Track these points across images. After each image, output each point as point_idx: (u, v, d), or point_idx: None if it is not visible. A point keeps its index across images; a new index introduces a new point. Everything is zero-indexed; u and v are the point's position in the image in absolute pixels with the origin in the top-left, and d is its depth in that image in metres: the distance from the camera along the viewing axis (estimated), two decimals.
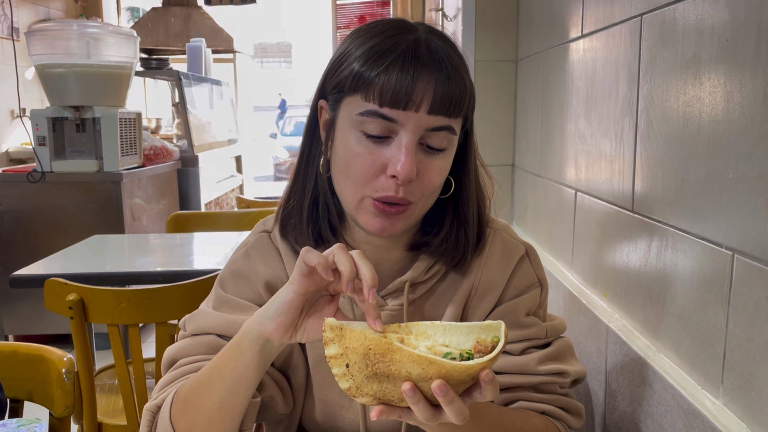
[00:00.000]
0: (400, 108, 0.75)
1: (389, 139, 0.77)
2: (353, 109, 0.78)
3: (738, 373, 0.79)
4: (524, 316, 0.90)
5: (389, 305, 0.89)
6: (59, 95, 3.16)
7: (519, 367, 0.88)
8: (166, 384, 0.84)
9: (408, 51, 0.76)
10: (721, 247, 0.82)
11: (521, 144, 2.01)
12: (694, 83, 0.88)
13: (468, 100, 0.79)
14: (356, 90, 0.77)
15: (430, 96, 0.75)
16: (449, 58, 0.78)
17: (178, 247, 2.38)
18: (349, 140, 0.79)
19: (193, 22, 6.12)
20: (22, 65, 4.85)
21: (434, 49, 0.77)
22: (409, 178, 0.75)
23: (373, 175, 0.77)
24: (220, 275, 0.93)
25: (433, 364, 0.59)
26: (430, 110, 0.75)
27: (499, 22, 2.05)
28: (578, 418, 0.91)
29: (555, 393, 0.90)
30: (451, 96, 0.76)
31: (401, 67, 0.75)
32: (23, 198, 3.17)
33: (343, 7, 6.47)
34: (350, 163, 0.79)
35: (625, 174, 1.13)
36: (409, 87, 0.74)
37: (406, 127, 0.76)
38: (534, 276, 0.93)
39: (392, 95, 0.74)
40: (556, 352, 0.91)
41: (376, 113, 0.76)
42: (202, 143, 4.34)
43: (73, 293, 1.50)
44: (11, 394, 1.14)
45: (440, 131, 0.77)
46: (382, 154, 0.77)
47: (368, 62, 0.76)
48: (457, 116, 0.79)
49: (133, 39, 3.42)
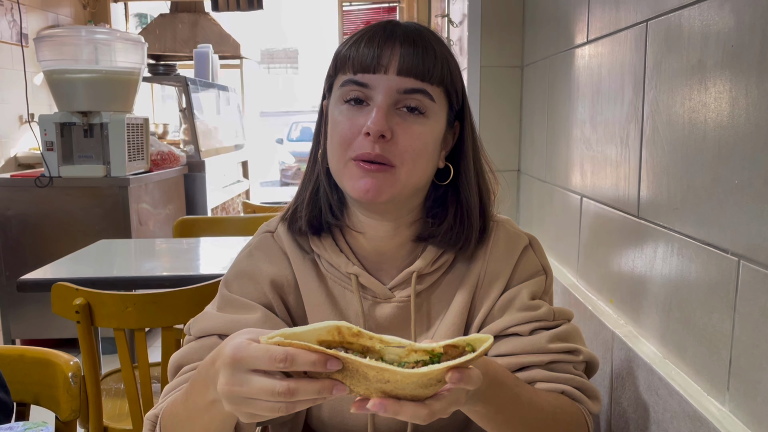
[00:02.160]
0: (371, 72, 0.82)
1: (367, 105, 0.83)
2: (337, 86, 0.85)
3: (744, 379, 0.79)
4: (530, 299, 0.90)
5: (396, 297, 0.90)
6: (67, 101, 3.18)
7: (529, 346, 0.87)
8: (170, 390, 0.84)
9: (378, 28, 0.85)
10: (727, 253, 0.82)
11: (527, 149, 2.01)
12: (700, 89, 0.88)
13: (442, 68, 0.83)
14: (337, 71, 0.86)
15: (396, 58, 0.81)
16: (419, 31, 0.84)
17: (184, 251, 2.38)
18: (334, 114, 0.85)
19: (200, 28, 6.15)
20: (31, 71, 4.88)
21: (405, 26, 0.85)
22: (379, 131, 0.79)
23: (351, 137, 0.82)
24: (225, 276, 0.94)
25: (384, 371, 0.56)
26: (399, 72, 0.81)
27: (505, 28, 2.05)
28: (596, 401, 0.89)
29: (570, 373, 0.88)
30: (418, 61, 0.82)
31: (369, 38, 0.83)
32: (31, 203, 3.19)
33: (350, 13, 6.49)
34: (334, 133, 0.84)
35: (631, 180, 1.13)
36: (376, 52, 0.82)
37: (377, 90, 0.82)
38: (538, 264, 0.94)
39: (362, 62, 0.82)
40: (566, 332, 0.90)
41: (351, 81, 0.83)
42: (208, 148, 4.35)
43: (79, 297, 1.51)
44: (18, 397, 1.15)
45: (414, 93, 0.82)
46: (359, 118, 0.82)
47: (345, 44, 0.86)
48: (430, 81, 0.83)
49: (141, 45, 3.44)
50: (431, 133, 0.84)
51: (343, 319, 0.90)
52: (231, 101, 5.36)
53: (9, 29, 4.99)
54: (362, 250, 0.92)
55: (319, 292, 0.91)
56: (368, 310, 0.90)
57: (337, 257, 0.90)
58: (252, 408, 0.60)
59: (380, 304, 0.91)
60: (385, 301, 0.91)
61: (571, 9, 1.50)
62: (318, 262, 0.92)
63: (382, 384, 0.58)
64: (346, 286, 0.91)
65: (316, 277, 0.92)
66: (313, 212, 0.90)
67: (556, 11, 1.66)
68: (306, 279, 0.91)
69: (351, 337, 0.59)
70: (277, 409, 0.59)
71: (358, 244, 0.91)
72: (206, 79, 4.78)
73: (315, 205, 0.90)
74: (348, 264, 0.90)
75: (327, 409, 0.92)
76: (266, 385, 0.58)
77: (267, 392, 0.58)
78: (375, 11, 6.48)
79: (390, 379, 0.57)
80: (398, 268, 0.91)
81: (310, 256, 0.92)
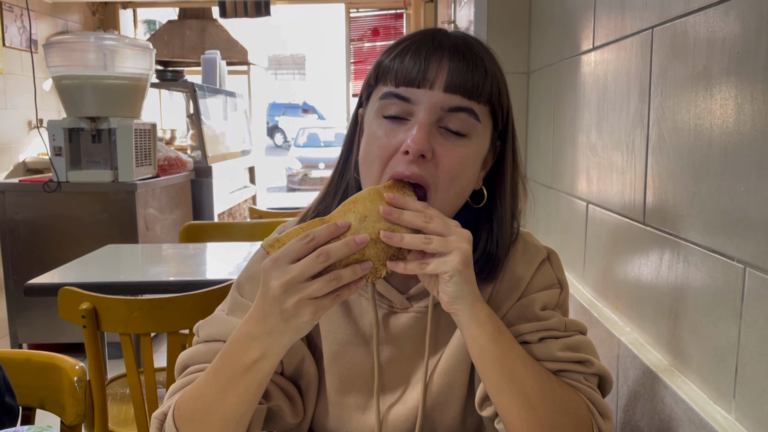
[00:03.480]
0: (415, 86, 0.77)
1: (407, 121, 0.78)
2: (376, 97, 0.81)
3: (750, 387, 0.78)
4: (540, 309, 0.87)
5: (414, 307, 0.88)
6: (76, 106, 3.21)
7: (537, 354, 0.84)
8: (175, 390, 0.84)
9: (425, 38, 0.79)
10: (733, 260, 0.81)
11: (533, 156, 2.01)
12: (705, 95, 0.88)
13: (491, 85, 0.79)
14: (378, 80, 0.81)
15: (444, 73, 0.76)
16: (469, 45, 0.79)
17: (190, 257, 2.39)
18: (372, 127, 0.81)
19: (208, 34, 6.19)
20: (40, 77, 4.92)
21: (454, 37, 0.80)
22: (419, 151, 0.75)
23: (389, 155, 0.78)
24: (238, 278, 0.93)
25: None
26: (446, 88, 0.76)
27: (511, 35, 2.05)
28: (607, 420, 0.83)
29: (580, 383, 0.84)
30: (467, 77, 0.77)
31: (416, 49, 0.78)
32: (39, 207, 3.21)
33: (357, 20, 6.52)
34: (371, 147, 0.80)
35: (637, 186, 1.12)
36: (422, 65, 0.76)
37: (421, 106, 0.77)
38: (554, 277, 0.91)
39: (406, 75, 0.77)
40: (577, 343, 0.85)
41: (393, 94, 0.78)
42: (215, 154, 4.37)
43: (85, 302, 1.51)
44: (23, 401, 1.15)
45: (459, 112, 0.77)
46: (399, 135, 0.78)
47: (389, 54, 0.80)
48: (478, 100, 0.78)
49: (149, 51, 3.46)
50: (472, 156, 0.80)
51: (356, 327, 0.89)
52: (238, 107, 5.39)
53: (19, 35, 5.04)
54: None
55: None
56: (383, 319, 0.89)
57: None
58: (304, 292, 0.68)
59: (396, 314, 0.89)
60: (402, 311, 0.89)
61: (577, 15, 1.50)
62: None
63: (381, 224, 0.72)
64: (362, 293, 0.89)
65: None
66: None
67: (562, 18, 1.66)
68: None
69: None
70: (326, 289, 0.68)
71: None
72: (214, 85, 4.80)
73: None
74: None
75: (333, 420, 0.91)
76: (308, 259, 0.67)
77: (310, 264, 0.67)
78: (382, 17, 6.50)
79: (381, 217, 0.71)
80: (417, 278, 0.89)
81: None
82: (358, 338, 0.89)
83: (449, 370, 0.87)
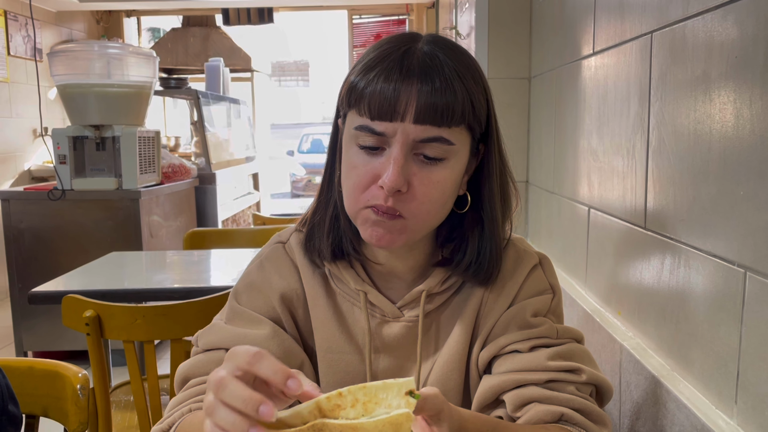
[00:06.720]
0: (387, 120, 0.76)
1: (383, 150, 0.78)
2: (351, 124, 0.80)
3: (752, 392, 0.78)
4: (531, 316, 0.87)
5: (405, 316, 0.88)
6: (80, 114, 3.22)
7: (527, 363, 0.83)
8: (177, 404, 0.83)
9: (394, 62, 0.76)
10: (734, 265, 0.81)
11: (535, 161, 2.01)
12: (705, 100, 0.88)
13: (463, 105, 0.77)
14: (350, 105, 0.79)
15: (413, 105, 0.75)
16: (441, 66, 0.77)
17: (194, 263, 2.39)
18: (349, 154, 0.81)
19: (211, 42, 6.21)
20: (45, 85, 4.95)
21: (424, 58, 0.77)
22: (394, 188, 0.75)
23: (365, 185, 0.78)
24: (235, 287, 0.93)
25: (356, 428, 0.57)
26: (416, 120, 0.75)
27: (512, 40, 2.06)
28: (602, 427, 0.81)
29: (570, 393, 0.82)
30: (436, 105, 0.75)
31: (386, 78, 0.76)
32: (44, 215, 3.22)
33: (359, 26, 6.54)
34: (348, 176, 0.80)
35: (638, 191, 1.12)
36: (392, 97, 0.75)
37: (394, 138, 0.76)
38: (546, 283, 0.90)
39: (378, 107, 0.76)
40: (569, 351, 0.84)
41: (366, 128, 0.77)
42: (219, 161, 4.38)
43: (89, 310, 1.52)
44: (27, 409, 1.15)
45: (432, 142, 0.77)
46: (375, 166, 0.78)
47: (359, 75, 0.78)
48: (449, 125, 0.77)
49: (153, 59, 3.48)
50: (450, 177, 0.80)
51: (349, 335, 0.89)
52: (242, 114, 5.40)
53: (23, 44, 5.07)
54: (373, 268, 0.90)
55: (327, 307, 0.90)
56: (375, 328, 0.89)
57: (347, 273, 0.89)
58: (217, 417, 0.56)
59: (388, 323, 0.89)
60: (394, 320, 0.89)
61: (578, 21, 1.51)
62: (328, 277, 0.91)
63: None
64: (354, 302, 0.90)
65: (324, 292, 0.91)
66: (335, 241, 0.87)
67: (562, 23, 1.67)
68: (315, 293, 0.90)
69: (329, 412, 0.59)
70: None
71: (370, 262, 0.90)
72: (217, 92, 4.82)
73: (336, 234, 0.88)
74: (358, 280, 0.89)
75: None
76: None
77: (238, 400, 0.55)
78: (385, 24, 6.51)
79: (357, 427, 0.58)
80: (407, 286, 0.89)
81: (320, 270, 0.91)
82: (351, 346, 0.89)
83: (443, 378, 0.87)
